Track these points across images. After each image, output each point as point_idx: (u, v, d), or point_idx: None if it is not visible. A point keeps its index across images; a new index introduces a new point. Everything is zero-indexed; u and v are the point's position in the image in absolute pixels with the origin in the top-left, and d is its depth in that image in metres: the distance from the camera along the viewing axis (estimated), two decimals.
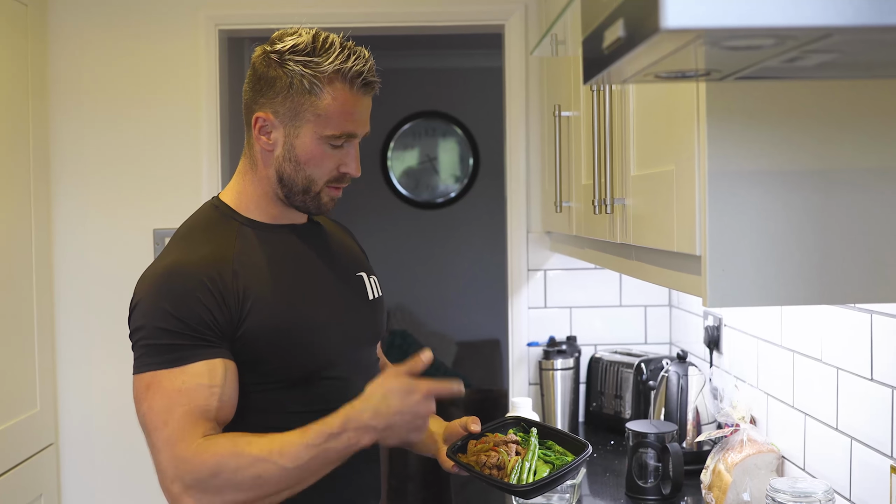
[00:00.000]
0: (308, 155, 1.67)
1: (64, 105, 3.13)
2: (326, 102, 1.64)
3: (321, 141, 1.66)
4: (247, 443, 1.52)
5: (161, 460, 1.54)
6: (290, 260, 1.74)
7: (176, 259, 1.63)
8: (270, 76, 1.66)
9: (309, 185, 1.70)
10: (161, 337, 1.56)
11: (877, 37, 0.80)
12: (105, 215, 3.16)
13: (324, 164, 1.69)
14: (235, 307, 1.60)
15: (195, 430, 1.52)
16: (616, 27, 0.87)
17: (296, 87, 1.64)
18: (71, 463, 3.16)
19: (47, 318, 3.06)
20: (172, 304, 1.57)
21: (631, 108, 1.77)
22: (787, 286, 1.27)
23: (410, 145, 6.00)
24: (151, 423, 1.54)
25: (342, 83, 1.64)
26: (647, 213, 1.61)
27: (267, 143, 1.69)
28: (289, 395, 1.67)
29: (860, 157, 1.26)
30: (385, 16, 3.19)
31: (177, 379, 1.54)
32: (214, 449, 1.51)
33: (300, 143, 1.67)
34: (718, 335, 2.61)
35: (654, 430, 2.29)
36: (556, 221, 2.67)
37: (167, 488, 1.54)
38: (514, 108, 3.19)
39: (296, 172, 1.68)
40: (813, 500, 1.73)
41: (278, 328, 1.64)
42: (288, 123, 1.66)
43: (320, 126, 1.65)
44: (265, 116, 1.67)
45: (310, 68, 1.63)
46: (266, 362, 1.64)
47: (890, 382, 1.70)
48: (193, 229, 1.72)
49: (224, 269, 1.62)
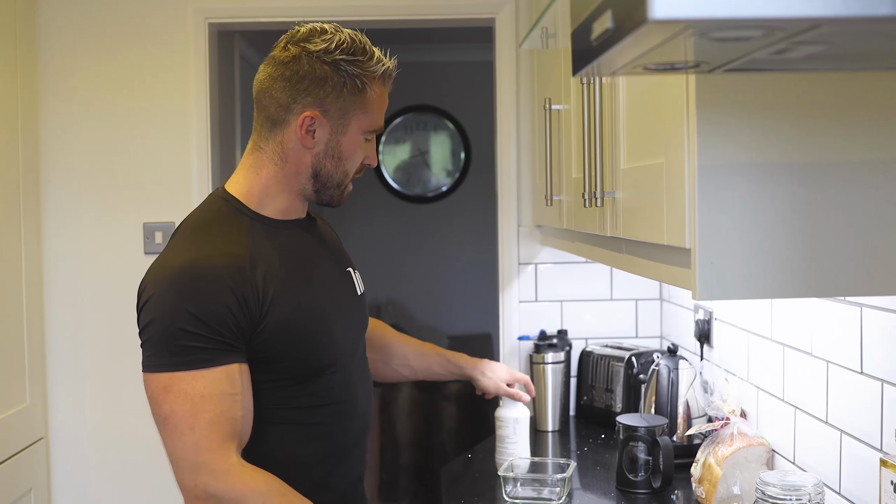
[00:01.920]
0: (350, 150, 1.74)
1: (53, 99, 3.12)
2: (371, 99, 1.72)
3: (361, 136, 1.74)
4: (280, 493, 1.57)
5: (184, 465, 1.55)
6: (299, 255, 1.75)
7: (192, 257, 1.62)
8: (319, 75, 1.68)
9: (343, 179, 1.76)
10: (180, 337, 1.55)
11: (864, 28, 0.80)
12: (95, 209, 3.15)
13: (356, 157, 1.76)
14: (256, 306, 1.61)
15: (224, 443, 1.55)
16: (604, 18, 0.86)
17: (349, 87, 1.69)
18: (61, 457, 3.16)
19: (37, 312, 3.05)
20: (193, 304, 1.56)
21: (621, 102, 1.76)
22: (776, 279, 1.27)
23: (402, 139, 5.99)
24: (175, 425, 1.55)
25: (381, 81, 1.73)
26: (637, 206, 1.61)
27: (310, 141, 1.71)
28: (296, 391, 1.70)
29: (850, 149, 1.26)
30: (376, 9, 3.18)
31: (197, 383, 1.55)
32: (248, 480, 1.55)
33: (346, 139, 1.72)
34: (709, 329, 2.61)
35: (645, 423, 2.30)
36: (547, 215, 2.67)
37: (188, 489, 1.56)
38: (504, 102, 3.19)
39: (336, 168, 1.74)
40: (802, 494, 1.73)
41: (294, 323, 1.66)
42: (336, 121, 1.71)
43: (365, 122, 1.73)
44: (313, 115, 1.69)
45: (359, 67, 1.69)
46: (281, 359, 1.66)
47: (879, 375, 1.70)
48: (205, 223, 1.71)
49: (243, 267, 1.62)
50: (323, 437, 1.73)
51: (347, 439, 1.78)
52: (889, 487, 1.52)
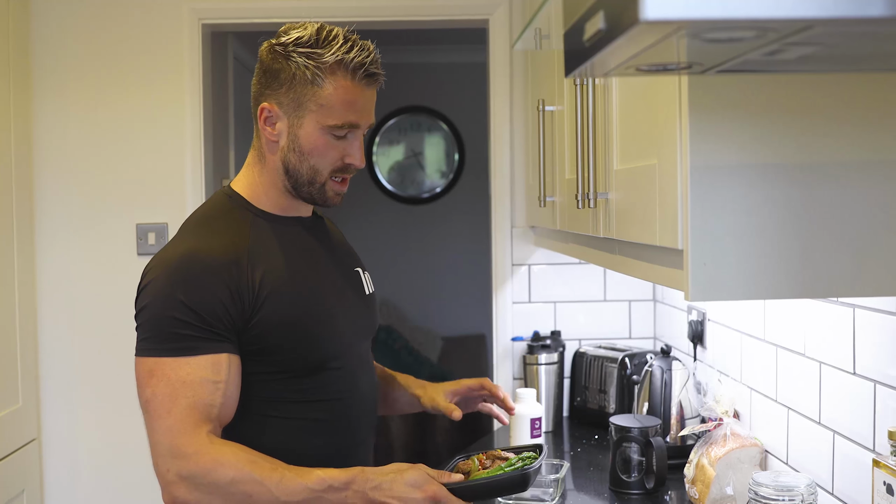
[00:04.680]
0: (311, 145, 1.71)
1: (46, 99, 3.11)
2: (328, 93, 1.68)
3: (324, 131, 1.70)
4: (250, 461, 1.57)
5: (159, 448, 1.58)
6: (301, 252, 1.77)
7: (192, 247, 1.66)
8: (275, 68, 1.70)
9: (314, 176, 1.73)
10: (170, 325, 1.59)
11: (856, 29, 0.80)
12: (88, 210, 3.14)
13: (327, 154, 1.72)
14: (250, 298, 1.63)
15: (198, 427, 1.57)
16: (596, 19, 0.87)
17: (298, 78, 1.67)
18: (53, 458, 3.15)
19: (30, 313, 3.04)
20: (186, 293, 1.60)
21: (614, 103, 1.76)
22: (768, 280, 1.27)
23: (396, 140, 5.99)
24: (154, 409, 1.59)
25: (344, 74, 1.68)
26: (630, 207, 1.61)
27: (272, 134, 1.72)
28: (293, 386, 1.71)
29: (842, 150, 1.26)
30: (370, 10, 3.18)
31: (181, 369, 1.58)
32: (217, 454, 1.56)
33: (303, 133, 1.70)
34: (702, 330, 2.61)
35: (638, 424, 2.30)
36: (541, 216, 2.67)
37: (161, 474, 1.59)
38: (498, 103, 3.19)
39: (300, 163, 1.72)
40: (795, 494, 1.73)
41: (291, 319, 1.68)
42: (291, 114, 1.70)
43: (322, 116, 1.69)
44: (269, 107, 1.71)
45: (312, 59, 1.67)
46: (275, 353, 1.68)
47: (872, 376, 1.70)
48: (208, 218, 1.75)
49: (240, 259, 1.65)
50: (330, 433, 1.75)
51: (355, 435, 1.79)
52: (882, 488, 1.52)
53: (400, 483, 1.58)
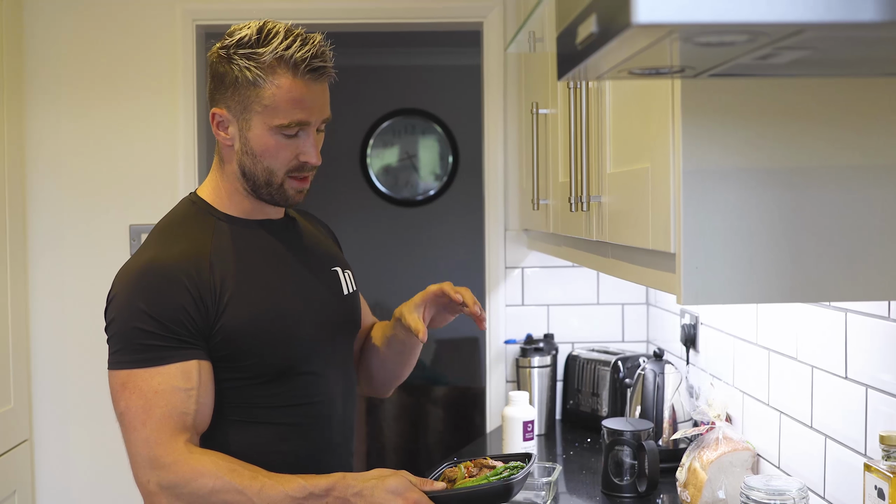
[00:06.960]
0: (262, 147, 1.67)
1: (40, 100, 3.10)
2: (271, 92, 1.64)
3: (273, 132, 1.66)
4: (230, 469, 1.57)
5: (138, 459, 1.58)
6: (265, 255, 1.75)
7: (152, 256, 1.65)
8: (220, 72, 1.68)
9: (270, 177, 1.70)
10: (136, 336, 1.59)
11: (848, 33, 0.80)
12: (80, 211, 3.13)
13: (280, 154, 1.68)
14: (212, 303, 1.62)
15: (175, 436, 1.57)
16: (589, 22, 0.87)
17: (241, 81, 1.64)
18: (45, 459, 3.14)
19: (21, 314, 3.04)
20: (147, 303, 1.59)
21: (607, 106, 1.76)
22: (761, 284, 1.27)
23: (390, 143, 5.98)
24: (129, 422, 1.59)
25: (285, 71, 1.63)
26: (623, 210, 1.62)
27: (226, 139, 1.71)
28: (263, 391, 1.69)
29: (834, 154, 1.26)
30: (363, 12, 3.18)
31: (152, 380, 1.58)
32: (196, 464, 1.56)
33: (252, 135, 1.67)
34: (695, 333, 2.61)
35: (630, 427, 2.30)
36: (534, 219, 2.67)
37: (142, 484, 1.59)
38: (492, 106, 3.19)
39: (254, 165, 1.69)
40: (787, 498, 1.73)
41: (253, 323, 1.66)
42: (240, 117, 1.67)
43: (268, 117, 1.65)
44: (220, 112, 1.69)
45: (252, 60, 1.63)
46: (241, 357, 1.66)
47: (864, 381, 1.70)
48: (171, 225, 1.74)
49: (201, 264, 1.64)
50: (300, 437, 1.73)
51: (328, 439, 1.78)
52: (873, 492, 1.52)
53: (381, 489, 1.57)
